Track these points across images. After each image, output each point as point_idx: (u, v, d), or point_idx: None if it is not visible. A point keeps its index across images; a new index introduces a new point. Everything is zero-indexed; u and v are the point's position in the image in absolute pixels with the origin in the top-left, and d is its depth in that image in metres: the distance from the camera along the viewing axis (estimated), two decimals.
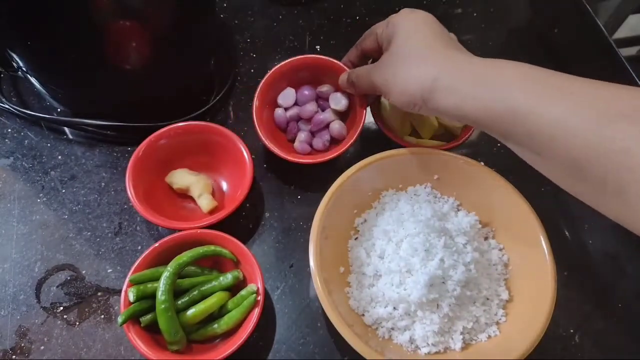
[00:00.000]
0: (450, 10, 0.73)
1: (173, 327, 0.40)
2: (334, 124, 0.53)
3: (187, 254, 0.42)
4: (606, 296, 0.50)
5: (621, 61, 0.53)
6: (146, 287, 0.41)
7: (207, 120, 0.52)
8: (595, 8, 0.58)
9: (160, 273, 0.41)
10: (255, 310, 0.41)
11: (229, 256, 0.44)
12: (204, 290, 0.43)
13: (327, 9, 0.70)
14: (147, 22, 0.46)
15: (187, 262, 0.42)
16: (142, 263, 0.42)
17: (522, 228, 0.45)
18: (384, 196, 0.50)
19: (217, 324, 0.42)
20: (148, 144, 0.49)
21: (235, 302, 0.42)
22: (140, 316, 0.41)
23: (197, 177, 0.50)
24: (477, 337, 0.43)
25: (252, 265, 0.43)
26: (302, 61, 0.53)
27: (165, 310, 0.40)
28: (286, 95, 0.54)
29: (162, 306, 0.40)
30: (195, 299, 0.42)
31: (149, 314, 0.41)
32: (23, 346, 0.44)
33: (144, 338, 0.40)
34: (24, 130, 0.56)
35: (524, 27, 0.72)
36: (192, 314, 0.41)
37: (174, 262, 0.41)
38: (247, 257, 0.43)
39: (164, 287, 0.40)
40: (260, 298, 0.41)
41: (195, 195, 0.49)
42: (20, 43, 0.46)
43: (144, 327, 0.40)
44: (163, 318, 0.39)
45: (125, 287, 0.41)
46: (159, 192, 0.50)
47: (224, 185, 0.52)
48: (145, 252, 0.43)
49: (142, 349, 0.39)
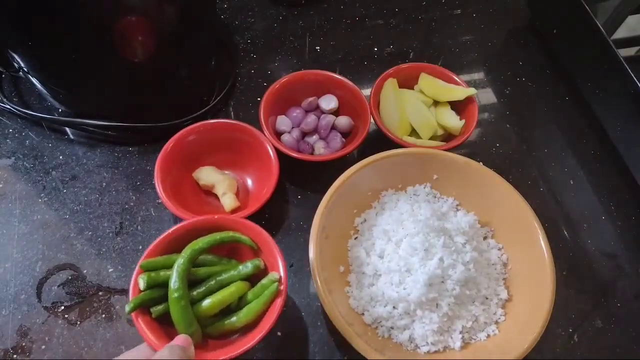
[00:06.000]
0: (449, 11, 0.73)
1: (187, 319, 0.36)
2: (339, 120, 0.55)
3: (203, 239, 0.39)
4: (605, 296, 0.50)
5: (620, 61, 0.53)
6: (158, 274, 0.37)
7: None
8: (594, 8, 0.58)
9: (173, 260, 0.38)
10: (277, 301, 0.37)
11: (249, 243, 0.40)
12: (222, 279, 0.39)
13: (327, 10, 0.70)
14: (147, 23, 0.46)
15: (203, 248, 0.38)
16: (155, 249, 0.39)
17: (521, 228, 0.45)
18: (384, 196, 0.50)
19: (235, 317, 0.38)
20: (177, 140, 0.49)
21: (256, 293, 0.38)
22: (150, 306, 0.37)
23: (223, 175, 0.50)
24: (476, 336, 0.43)
25: (273, 253, 0.39)
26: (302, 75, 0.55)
27: (178, 299, 0.36)
28: (282, 122, 0.55)
29: (175, 295, 0.36)
30: (212, 289, 0.38)
31: (160, 304, 0.37)
32: (24, 345, 0.44)
33: (154, 330, 0.36)
34: (25, 130, 0.56)
35: (523, 28, 0.72)
36: (208, 305, 0.37)
37: (189, 249, 0.38)
38: (268, 245, 0.40)
39: (178, 275, 0.36)
40: (283, 287, 0.38)
41: (220, 194, 0.50)
42: (21, 43, 0.46)
43: (154, 318, 0.37)
44: (176, 308, 0.36)
45: (135, 273, 0.37)
46: (185, 187, 0.50)
47: (249, 183, 0.53)
48: (159, 238, 0.39)
49: (152, 341, 0.35)
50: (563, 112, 0.64)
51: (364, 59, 0.66)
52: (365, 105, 0.53)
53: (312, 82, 0.55)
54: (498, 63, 0.68)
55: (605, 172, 0.59)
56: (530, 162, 0.59)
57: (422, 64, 0.57)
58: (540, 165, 0.59)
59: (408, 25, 0.70)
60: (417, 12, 0.72)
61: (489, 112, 0.64)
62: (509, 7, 0.75)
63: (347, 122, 0.55)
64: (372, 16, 0.70)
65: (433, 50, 0.68)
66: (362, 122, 0.53)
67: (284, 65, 0.64)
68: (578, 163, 0.60)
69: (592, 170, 0.59)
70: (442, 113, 0.55)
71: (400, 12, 0.71)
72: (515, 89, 0.66)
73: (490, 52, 0.69)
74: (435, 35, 0.70)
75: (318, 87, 0.56)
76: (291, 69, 0.63)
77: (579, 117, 0.63)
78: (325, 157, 0.50)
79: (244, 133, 0.51)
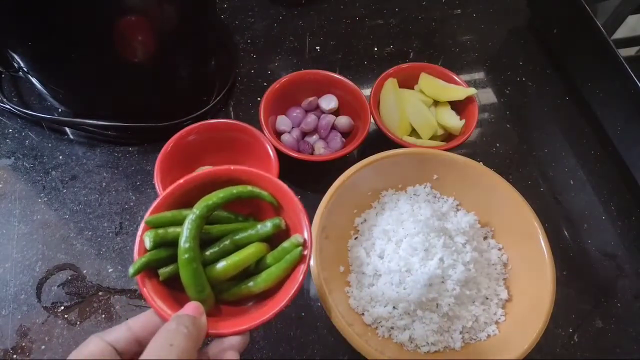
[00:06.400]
0: (449, 11, 0.73)
1: (199, 282, 0.31)
2: (339, 120, 0.55)
3: (217, 193, 0.34)
4: (605, 296, 0.50)
5: (620, 61, 0.53)
6: (166, 232, 0.32)
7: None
8: (594, 8, 0.58)
9: (184, 216, 0.33)
10: (300, 267, 0.33)
11: (269, 199, 0.35)
12: (238, 239, 0.34)
13: (327, 10, 0.70)
14: (147, 23, 0.46)
15: (218, 204, 0.33)
16: (162, 203, 0.33)
17: (521, 228, 0.45)
18: (384, 196, 0.50)
19: (252, 282, 0.33)
20: (177, 140, 0.49)
21: (276, 257, 0.34)
22: (158, 267, 0.32)
23: None
24: (476, 337, 0.43)
25: (297, 212, 0.34)
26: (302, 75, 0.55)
27: (189, 260, 0.31)
28: (282, 122, 0.55)
29: (186, 256, 0.31)
30: (227, 250, 0.34)
31: (169, 265, 0.32)
32: (24, 345, 0.44)
33: (161, 294, 0.31)
34: (25, 130, 0.56)
35: (523, 28, 0.72)
36: (222, 268, 0.33)
37: (202, 203, 0.33)
38: (291, 202, 0.35)
39: (189, 233, 0.31)
40: (307, 252, 0.33)
41: None
42: (21, 43, 0.46)
43: (162, 281, 0.32)
44: (187, 270, 0.31)
45: (141, 231, 0.32)
46: None
47: None
48: (167, 190, 0.34)
49: (160, 307, 0.30)
50: (563, 112, 0.64)
51: (364, 59, 0.66)
52: (365, 105, 0.53)
53: (312, 82, 0.55)
54: (498, 63, 0.68)
55: (605, 172, 0.59)
56: (530, 162, 0.59)
57: (422, 64, 0.57)
58: (540, 165, 0.59)
59: (408, 25, 0.70)
60: (417, 12, 0.72)
61: (489, 112, 0.64)
62: (509, 7, 0.75)
63: (347, 122, 0.55)
64: (372, 16, 0.70)
65: (433, 50, 0.68)
66: (362, 122, 0.53)
67: (284, 65, 0.64)
68: (578, 163, 0.60)
69: (592, 170, 0.59)
70: (442, 113, 0.55)
71: (400, 12, 0.71)
72: (515, 89, 0.66)
73: (490, 52, 0.69)
74: (435, 35, 0.70)
75: (318, 87, 0.56)
76: (291, 69, 0.63)
77: (579, 117, 0.63)
78: (325, 157, 0.50)
79: (244, 133, 0.51)
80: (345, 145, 0.54)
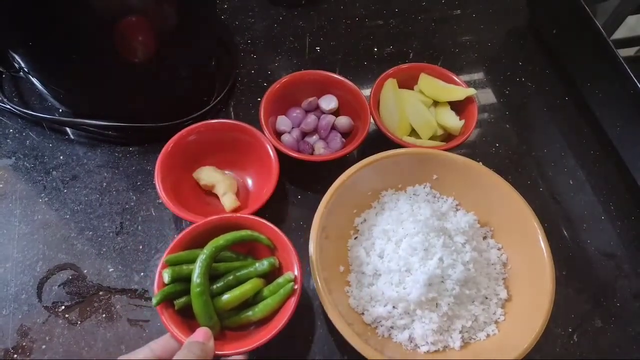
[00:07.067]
0: (449, 12, 0.73)
1: (207, 312, 0.38)
2: (339, 120, 0.55)
3: (224, 237, 0.41)
4: (604, 296, 0.50)
5: (620, 61, 0.53)
6: (182, 268, 0.39)
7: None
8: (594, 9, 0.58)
9: (196, 255, 0.40)
10: (292, 299, 0.39)
11: (266, 242, 0.42)
12: (240, 275, 0.41)
13: (327, 10, 0.71)
14: (148, 23, 0.46)
15: (224, 245, 0.40)
16: (178, 244, 0.41)
17: (521, 227, 0.45)
18: (384, 196, 0.50)
19: (251, 311, 0.40)
20: (177, 140, 0.49)
21: (271, 290, 0.41)
22: (173, 299, 0.39)
23: (223, 175, 0.51)
24: (476, 336, 0.43)
25: (288, 252, 0.41)
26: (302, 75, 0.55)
27: (200, 293, 0.38)
28: (282, 122, 0.55)
29: (198, 289, 0.38)
30: (231, 284, 0.41)
31: (182, 297, 0.39)
32: (24, 345, 0.44)
33: (176, 321, 0.38)
34: (25, 130, 0.56)
35: (523, 28, 0.72)
36: (227, 299, 0.40)
37: (211, 245, 0.40)
38: (283, 244, 0.42)
39: (200, 270, 0.38)
40: (297, 287, 0.40)
41: (220, 194, 0.50)
42: (21, 43, 0.46)
43: (177, 310, 0.39)
44: (198, 302, 0.38)
45: (160, 267, 0.39)
46: (186, 187, 0.50)
47: (250, 183, 0.53)
48: (181, 234, 0.41)
49: (175, 332, 0.37)
50: (563, 112, 0.64)
51: (364, 59, 0.66)
52: (365, 106, 0.53)
53: (312, 82, 0.55)
54: (498, 63, 0.68)
55: (605, 172, 0.59)
56: (530, 162, 0.59)
57: (422, 64, 0.57)
58: (540, 165, 0.59)
59: (408, 26, 0.70)
60: (417, 13, 0.72)
61: (489, 112, 0.64)
62: (509, 7, 0.75)
63: (347, 122, 0.55)
64: (372, 16, 0.71)
65: (433, 51, 0.68)
66: (362, 122, 0.53)
67: (284, 65, 0.64)
68: (578, 163, 0.60)
69: (591, 170, 0.59)
70: (441, 113, 0.55)
71: (400, 13, 0.72)
72: (515, 89, 0.66)
73: (490, 52, 0.69)
74: (435, 36, 0.70)
75: (318, 87, 0.56)
76: (291, 69, 0.63)
77: (578, 117, 0.63)
78: (325, 157, 0.50)
79: (244, 133, 0.51)
80: (345, 146, 0.54)
